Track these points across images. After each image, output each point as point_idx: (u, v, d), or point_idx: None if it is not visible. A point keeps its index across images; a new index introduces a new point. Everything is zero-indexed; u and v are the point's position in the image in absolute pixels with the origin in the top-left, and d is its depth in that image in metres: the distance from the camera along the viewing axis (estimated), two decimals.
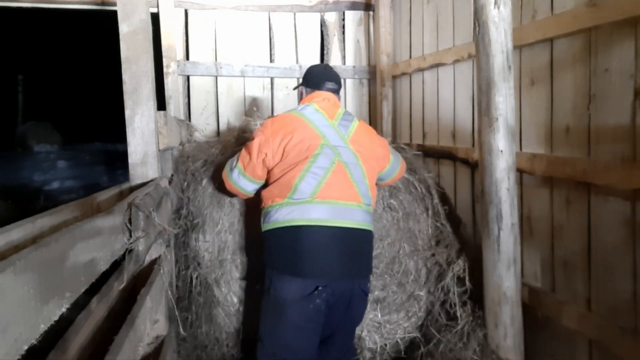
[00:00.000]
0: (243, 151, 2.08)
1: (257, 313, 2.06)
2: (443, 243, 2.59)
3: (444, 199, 2.83)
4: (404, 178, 2.69)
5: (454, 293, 2.38)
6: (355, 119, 2.16)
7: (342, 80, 3.77)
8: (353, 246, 1.92)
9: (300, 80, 2.42)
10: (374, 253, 2.54)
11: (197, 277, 2.34)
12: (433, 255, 2.56)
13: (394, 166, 2.27)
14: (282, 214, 1.90)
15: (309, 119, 2.02)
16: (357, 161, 2.00)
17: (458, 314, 2.31)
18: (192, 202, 2.49)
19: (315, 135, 1.97)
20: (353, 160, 1.99)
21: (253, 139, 2.05)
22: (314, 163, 1.92)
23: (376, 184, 2.30)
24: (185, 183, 2.55)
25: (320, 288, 1.82)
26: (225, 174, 2.17)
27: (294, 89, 2.48)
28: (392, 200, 2.66)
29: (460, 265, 2.41)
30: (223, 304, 2.38)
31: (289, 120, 2.03)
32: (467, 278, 2.39)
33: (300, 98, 2.30)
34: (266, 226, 1.97)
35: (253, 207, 2.40)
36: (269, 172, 2.04)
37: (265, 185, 2.07)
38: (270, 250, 1.95)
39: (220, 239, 2.45)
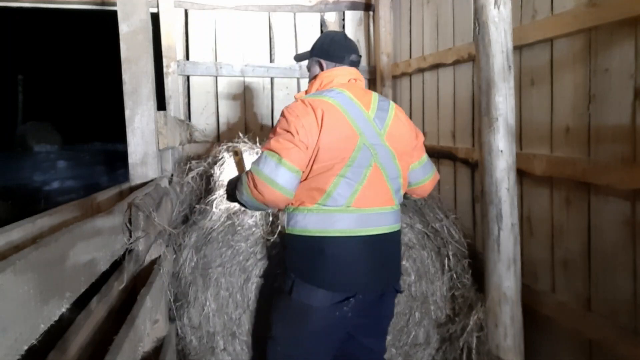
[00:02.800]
0: (275, 138, 1.64)
1: None
2: (463, 305, 2.33)
3: (465, 247, 2.47)
4: (418, 230, 2.43)
5: (473, 342, 2.17)
6: (392, 105, 1.83)
7: None
8: (384, 253, 1.75)
9: (314, 55, 1.92)
10: None
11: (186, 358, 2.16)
12: (447, 328, 2.35)
13: (426, 167, 1.92)
14: (311, 222, 1.67)
15: (346, 110, 1.68)
16: (393, 160, 1.74)
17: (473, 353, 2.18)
18: (175, 279, 2.22)
19: (354, 133, 1.66)
20: (389, 160, 1.73)
21: (283, 127, 1.66)
22: (351, 167, 1.65)
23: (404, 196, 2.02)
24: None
25: (350, 299, 1.68)
26: (252, 174, 1.63)
27: (299, 59, 2.03)
28: (404, 262, 2.39)
29: (479, 311, 2.19)
30: None
31: (326, 109, 1.65)
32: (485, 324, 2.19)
33: (316, 72, 1.89)
34: (291, 230, 1.73)
35: (240, 286, 2.25)
36: None
37: None
38: (294, 256, 1.75)
39: (208, 323, 2.20)
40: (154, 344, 1.69)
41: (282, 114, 1.70)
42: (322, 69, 1.87)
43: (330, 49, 1.86)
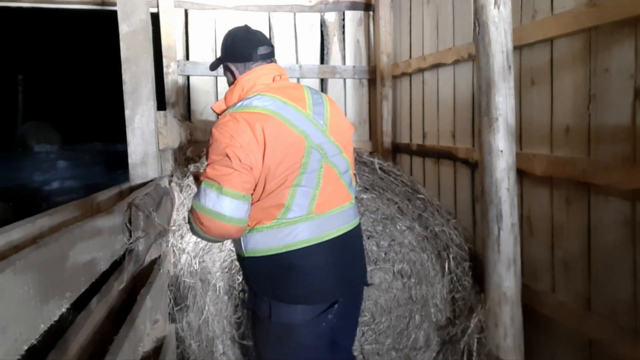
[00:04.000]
0: (211, 165, 1.51)
1: None
2: (464, 307, 2.32)
3: (465, 250, 2.47)
4: (418, 233, 2.43)
5: (474, 341, 2.17)
6: (324, 96, 1.73)
7: (342, 80, 3.81)
8: (351, 250, 1.70)
9: (231, 60, 1.73)
10: (380, 328, 2.39)
11: None
12: (448, 331, 2.35)
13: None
14: (274, 239, 1.55)
15: (284, 117, 1.55)
16: (340, 154, 1.65)
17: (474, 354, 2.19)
18: (173, 284, 2.19)
19: (299, 138, 1.54)
20: (338, 155, 1.64)
21: (217, 151, 1.50)
22: (304, 174, 1.54)
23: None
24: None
25: (335, 305, 1.62)
26: (195, 210, 1.51)
27: (213, 68, 1.80)
28: (403, 265, 2.39)
29: (479, 314, 2.18)
30: None
31: (264, 122, 1.51)
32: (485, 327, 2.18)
33: (230, 79, 1.74)
34: (252, 252, 1.59)
35: (240, 290, 2.25)
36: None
37: None
38: (262, 279, 1.62)
39: (207, 327, 2.19)
40: (154, 344, 1.69)
41: (213, 136, 1.52)
42: (233, 74, 1.72)
43: (234, 50, 1.70)
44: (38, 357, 0.86)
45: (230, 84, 1.74)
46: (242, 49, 1.69)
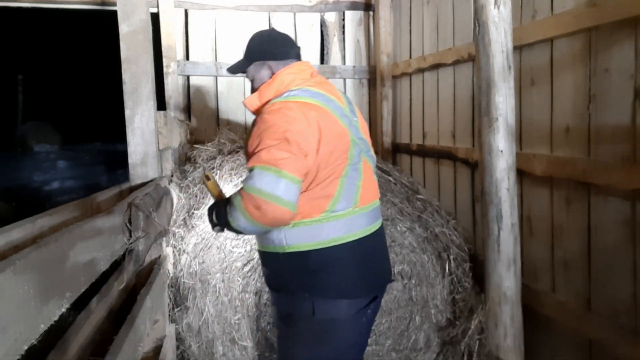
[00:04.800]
0: (266, 149, 1.46)
1: None
2: (464, 308, 2.31)
3: (465, 251, 2.48)
4: (418, 234, 2.43)
5: (475, 342, 2.16)
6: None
7: (342, 80, 3.82)
8: (383, 245, 1.75)
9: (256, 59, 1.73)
10: (381, 329, 2.40)
11: None
12: (448, 332, 2.34)
13: None
14: (322, 233, 1.54)
15: (331, 109, 1.58)
16: (370, 151, 1.72)
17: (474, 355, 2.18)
18: (173, 285, 2.19)
19: (344, 130, 1.58)
20: (369, 151, 1.70)
21: (274, 135, 1.47)
22: (350, 165, 1.57)
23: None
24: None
25: (377, 299, 1.66)
26: (249, 194, 1.44)
27: (235, 71, 1.79)
28: (404, 266, 2.39)
29: (479, 315, 2.17)
30: None
31: (317, 112, 1.53)
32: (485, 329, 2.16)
33: (264, 76, 1.71)
34: (295, 247, 1.56)
35: (240, 292, 2.27)
36: None
37: None
38: (304, 274, 1.58)
39: (207, 329, 2.18)
40: (154, 344, 1.69)
41: (267, 121, 1.51)
42: (272, 71, 1.70)
43: (273, 48, 1.71)
44: (38, 357, 0.86)
45: (258, 83, 1.71)
46: (283, 47, 1.73)
